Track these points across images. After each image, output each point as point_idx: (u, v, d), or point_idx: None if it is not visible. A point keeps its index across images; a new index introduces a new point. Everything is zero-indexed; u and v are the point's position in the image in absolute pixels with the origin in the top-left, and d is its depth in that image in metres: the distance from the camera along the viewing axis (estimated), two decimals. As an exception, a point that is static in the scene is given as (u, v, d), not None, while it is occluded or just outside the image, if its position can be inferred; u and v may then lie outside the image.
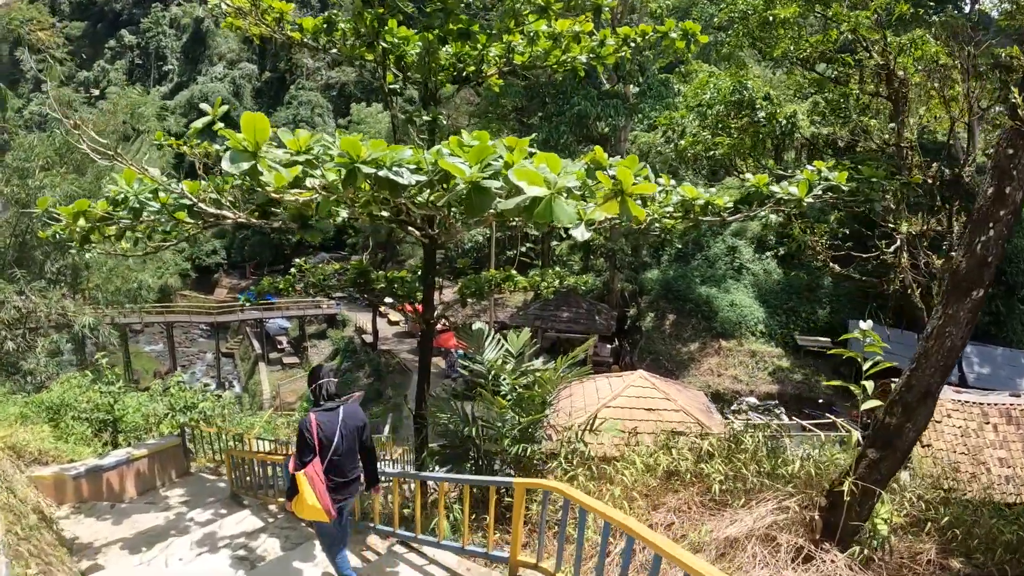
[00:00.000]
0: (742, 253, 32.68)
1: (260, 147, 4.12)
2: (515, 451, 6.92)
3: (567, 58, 9.99)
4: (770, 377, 29.17)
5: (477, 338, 8.44)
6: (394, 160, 4.61)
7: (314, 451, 5.22)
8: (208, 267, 61.35)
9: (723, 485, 7.08)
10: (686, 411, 15.20)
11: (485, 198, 4.05)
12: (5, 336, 15.76)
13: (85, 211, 6.25)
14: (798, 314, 30.76)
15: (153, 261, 24.52)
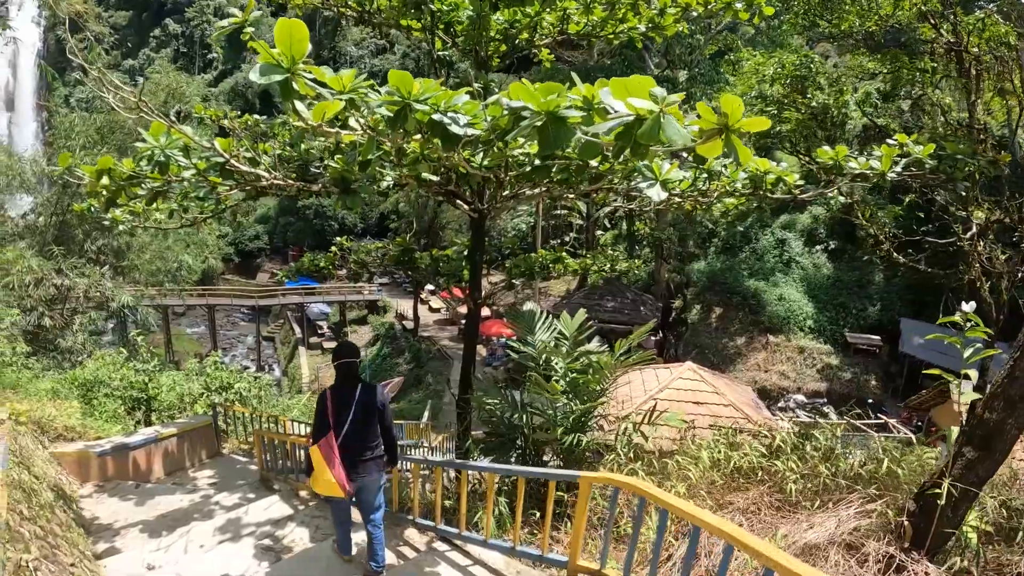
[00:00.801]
0: (791, 246, 31.53)
1: (297, 62, 3.41)
2: (568, 442, 6.17)
3: (624, 28, 9.22)
4: (818, 375, 28.09)
5: (528, 319, 7.73)
6: (449, 104, 3.95)
7: (328, 426, 5.19)
8: (251, 252, 61.73)
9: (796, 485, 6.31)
10: (735, 406, 14.46)
11: (563, 129, 3.30)
12: (42, 312, 15.49)
13: (110, 169, 5.67)
14: (848, 310, 29.59)
15: (195, 242, 24.23)
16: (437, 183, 7.21)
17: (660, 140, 2.69)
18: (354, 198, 6.02)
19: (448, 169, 6.66)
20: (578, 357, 7.03)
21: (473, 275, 9.15)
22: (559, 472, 5.20)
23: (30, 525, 5.44)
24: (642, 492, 3.99)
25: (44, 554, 5.21)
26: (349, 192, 6.04)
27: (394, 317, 43.40)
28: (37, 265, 15.84)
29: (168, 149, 5.47)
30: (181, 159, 5.57)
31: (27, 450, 7.73)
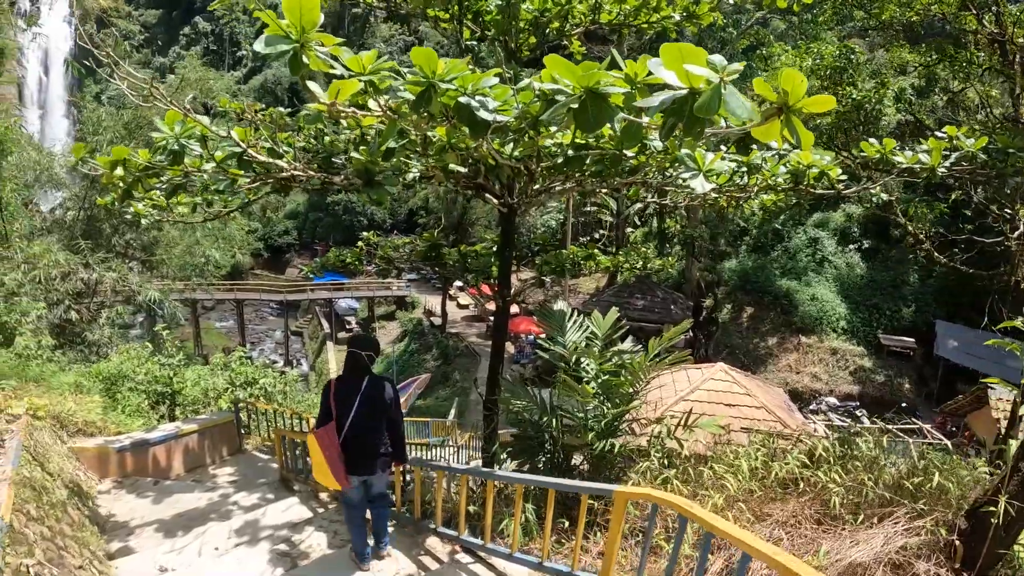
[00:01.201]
0: (824, 245, 30.81)
1: (307, 32, 3.11)
2: (600, 447, 5.82)
3: (658, 18, 8.83)
4: (851, 377, 27.45)
5: (558, 319, 7.39)
6: (477, 87, 3.67)
7: (330, 416, 5.12)
8: (280, 247, 62.07)
9: (840, 497, 5.93)
10: (768, 408, 14.03)
11: (603, 108, 2.97)
12: (68, 306, 15.46)
13: (125, 160, 5.43)
14: (881, 311, 28.86)
15: (223, 237, 24.19)
16: (465, 175, 6.90)
17: (721, 113, 2.34)
18: (378, 190, 5.72)
19: (476, 160, 6.35)
20: (610, 358, 6.68)
21: (502, 272, 8.83)
22: (593, 486, 4.83)
23: (36, 526, 5.23)
24: (686, 512, 3.63)
25: (49, 557, 4.99)
26: (373, 184, 5.74)
27: (422, 313, 43.32)
28: (64, 259, 15.82)
29: (183, 138, 5.21)
30: (196, 149, 5.32)
31: (44, 446, 7.57)
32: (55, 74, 67.34)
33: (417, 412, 28.22)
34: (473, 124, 3.86)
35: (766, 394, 15.63)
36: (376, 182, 5.69)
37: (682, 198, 10.93)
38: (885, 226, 29.56)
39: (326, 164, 6.71)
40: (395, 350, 39.59)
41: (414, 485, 6.37)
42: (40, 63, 65.59)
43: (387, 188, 5.80)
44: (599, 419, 6.12)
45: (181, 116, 5.13)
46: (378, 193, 5.69)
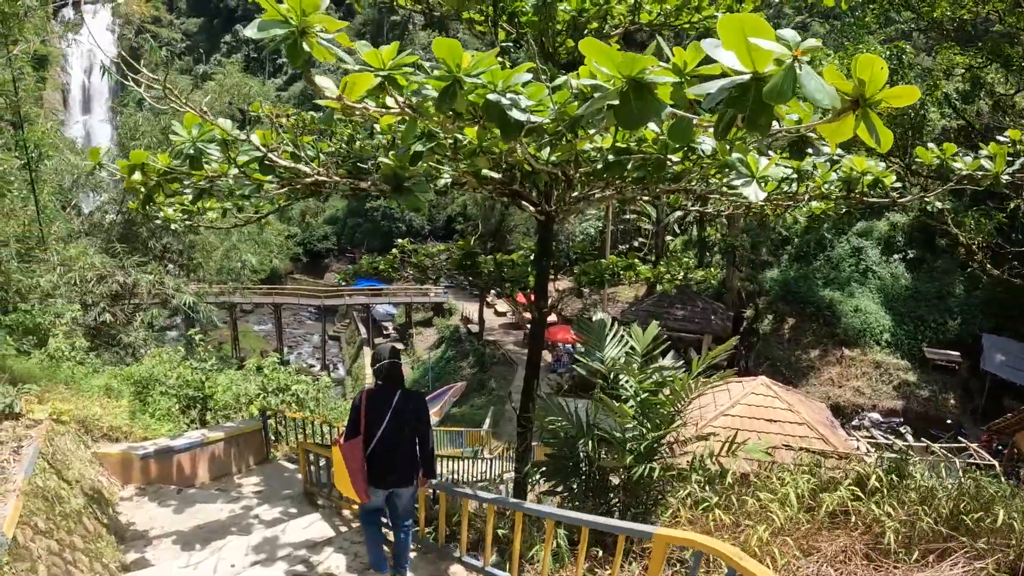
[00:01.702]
0: (868, 255, 29.83)
1: (308, 15, 2.81)
2: (639, 472, 5.42)
3: (700, 18, 8.44)
4: (894, 391, 26.42)
5: (597, 331, 7.01)
6: (508, 84, 3.40)
7: (359, 428, 5.02)
8: (319, 252, 62.57)
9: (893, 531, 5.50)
10: (810, 424, 13.47)
11: (648, 101, 2.61)
12: (103, 308, 15.51)
13: (142, 164, 5.23)
14: (927, 324, 27.78)
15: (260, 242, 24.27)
16: (499, 181, 6.58)
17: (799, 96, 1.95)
18: (408, 197, 5.41)
19: (511, 166, 6.02)
20: (650, 376, 6.27)
21: (539, 281, 8.49)
22: (631, 527, 4.42)
23: (44, 540, 5.03)
24: (736, 565, 3.23)
25: (54, 573, 4.78)
26: (402, 190, 5.44)
27: (459, 320, 43.16)
28: (100, 262, 15.88)
29: (201, 142, 4.98)
30: (215, 153, 5.08)
31: (64, 452, 7.42)
32: (98, 81, 69.15)
33: (451, 420, 27.97)
34: (504, 125, 3.54)
35: (808, 409, 15.04)
36: (405, 188, 5.40)
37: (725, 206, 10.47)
38: (931, 235, 28.57)
39: (355, 170, 6.48)
40: (431, 356, 39.44)
41: (439, 508, 6.03)
42: (84, 70, 67.33)
43: (417, 195, 5.51)
44: (638, 441, 5.72)
45: (199, 119, 4.92)
46: (408, 199, 5.39)
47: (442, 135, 4.84)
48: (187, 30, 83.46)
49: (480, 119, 3.91)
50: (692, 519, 5.66)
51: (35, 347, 11.81)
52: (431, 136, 4.87)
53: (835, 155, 6.06)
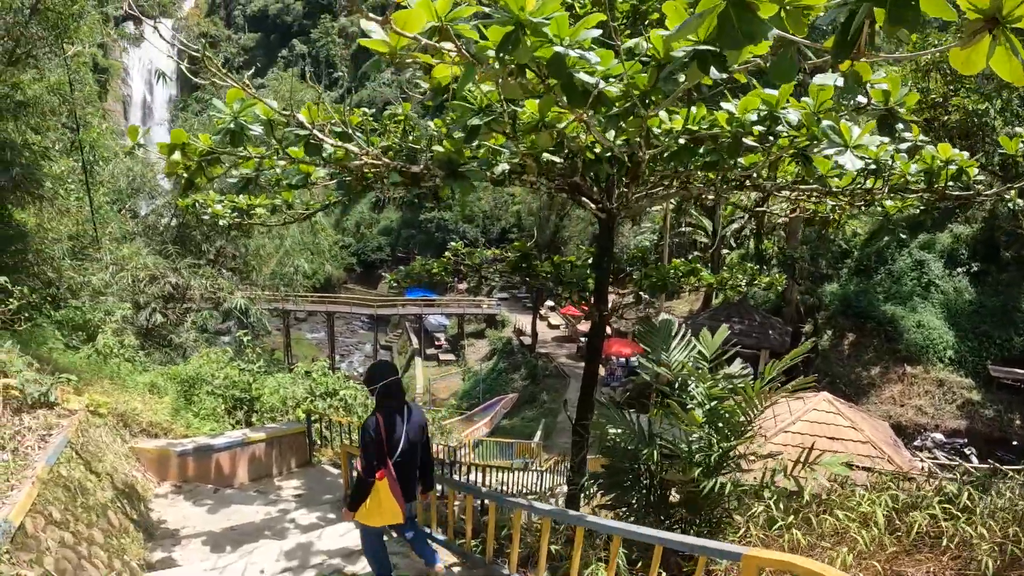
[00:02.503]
0: (930, 268, 28.32)
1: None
2: (708, 486, 4.79)
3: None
4: (958, 411, 25.00)
5: (663, 333, 6.43)
6: (576, 39, 3.09)
7: (384, 453, 4.79)
8: (373, 262, 62.98)
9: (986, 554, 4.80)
10: (874, 443, 12.58)
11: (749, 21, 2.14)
12: (154, 308, 15.51)
13: (183, 144, 4.91)
14: (992, 340, 26.19)
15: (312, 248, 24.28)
16: (560, 170, 6.10)
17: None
18: (462, 183, 4.99)
19: (573, 153, 5.52)
20: (719, 382, 5.66)
21: (599, 284, 7.95)
22: (717, 547, 3.80)
23: (56, 531, 4.67)
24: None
25: (63, 567, 4.41)
26: (456, 176, 5.02)
27: (512, 332, 42.67)
28: (152, 263, 15.94)
29: (242, 118, 4.63)
30: (256, 130, 4.73)
31: (98, 444, 7.16)
32: (158, 92, 71.61)
33: (501, 432, 27.44)
34: (571, 90, 3.28)
35: (871, 427, 14.10)
36: (459, 173, 4.96)
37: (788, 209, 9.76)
38: (995, 248, 27.10)
39: (408, 153, 6.12)
40: (483, 368, 39.02)
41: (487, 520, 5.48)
42: (145, 82, 69.70)
43: (472, 181, 5.06)
44: (705, 452, 5.11)
45: (242, 94, 4.57)
46: (462, 185, 4.94)
47: (500, 108, 4.38)
48: (244, 45, 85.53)
49: (544, 78, 3.48)
50: (765, 539, 5.04)
51: (84, 343, 11.73)
52: (488, 110, 4.43)
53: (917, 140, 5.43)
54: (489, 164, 5.41)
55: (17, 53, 10.75)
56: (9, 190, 10.21)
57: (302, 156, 5.20)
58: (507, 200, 44.89)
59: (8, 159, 10.01)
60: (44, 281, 12.16)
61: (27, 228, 12.14)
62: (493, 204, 48.38)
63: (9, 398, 6.29)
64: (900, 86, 4.01)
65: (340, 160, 5.57)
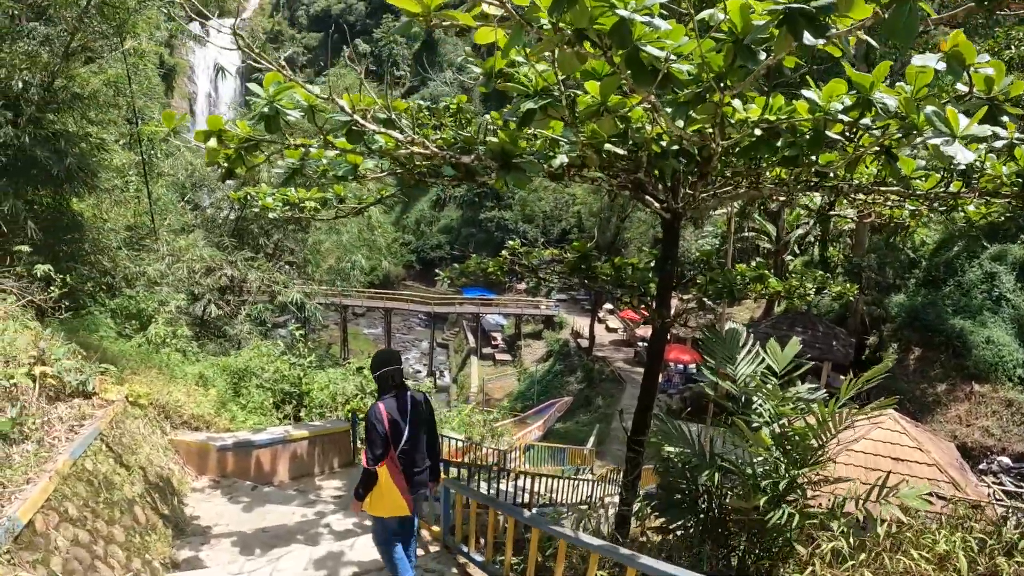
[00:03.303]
0: (1002, 281, 26.58)
1: None
2: (776, 517, 4.24)
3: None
4: (1028, 434, 23.35)
5: (730, 343, 5.90)
6: (642, 3, 2.83)
7: (388, 443, 4.75)
8: (432, 260, 63.15)
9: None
10: (939, 466, 11.68)
11: None
12: (209, 300, 15.57)
13: (220, 132, 4.64)
14: (1066, 359, 24.47)
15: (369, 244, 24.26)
16: (623, 166, 5.66)
17: None
18: (517, 175, 4.60)
19: (637, 146, 5.07)
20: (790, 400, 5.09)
21: (661, 289, 7.45)
22: None
23: (71, 528, 4.44)
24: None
25: (71, 568, 4.16)
26: (510, 168, 4.63)
27: (569, 334, 42.10)
28: (209, 255, 16.01)
29: (277, 102, 4.34)
30: (293, 115, 4.43)
31: (133, 435, 6.99)
32: (223, 90, 73.48)
33: (555, 436, 26.96)
34: (636, 65, 3.00)
35: (937, 448, 13.15)
36: (514, 165, 4.57)
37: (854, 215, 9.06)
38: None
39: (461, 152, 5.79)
40: (538, 369, 38.59)
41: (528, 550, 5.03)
42: (210, 80, 71.56)
43: (527, 173, 4.66)
44: (772, 478, 4.55)
45: (280, 77, 4.29)
46: (516, 178, 4.56)
47: (557, 90, 3.98)
48: (308, 44, 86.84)
49: (607, 50, 3.10)
50: (834, 580, 4.46)
51: (136, 332, 11.76)
52: (545, 92, 4.03)
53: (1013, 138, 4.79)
54: (546, 157, 5.03)
55: (74, 46, 10.77)
56: (64, 179, 10.21)
57: (345, 145, 4.93)
58: (568, 201, 44.34)
59: (63, 149, 10.03)
60: (100, 270, 12.24)
61: (83, 218, 12.23)
62: (554, 205, 47.87)
63: (46, 386, 6.16)
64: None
65: (387, 151, 5.28)
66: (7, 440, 4.91)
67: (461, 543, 6.05)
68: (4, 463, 4.62)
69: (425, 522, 6.78)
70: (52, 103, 10.39)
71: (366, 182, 7.72)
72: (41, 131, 9.90)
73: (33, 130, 9.73)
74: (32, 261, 8.03)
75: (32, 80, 9.86)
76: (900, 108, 3.75)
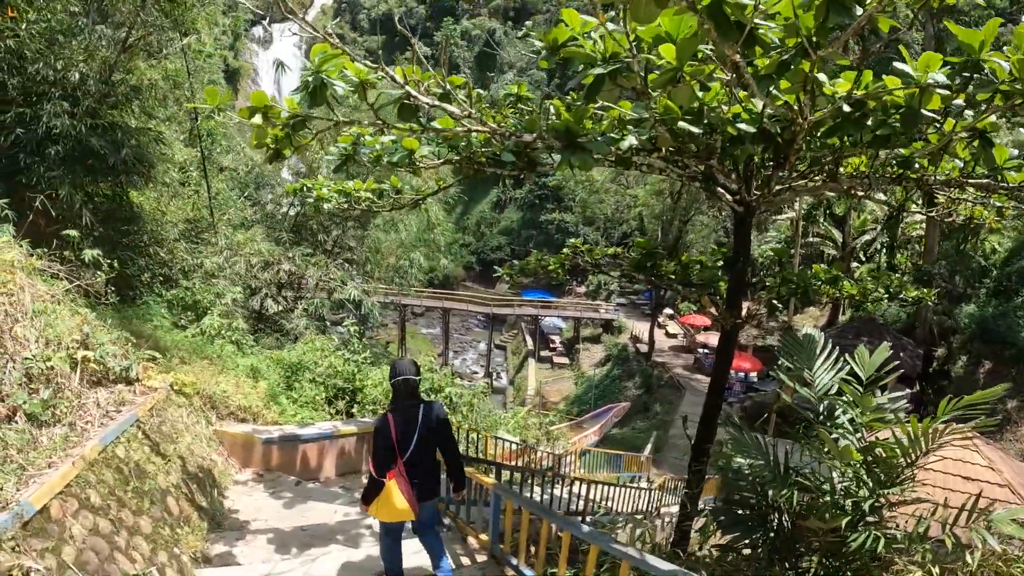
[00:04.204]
0: None
1: None
2: (860, 540, 3.71)
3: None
4: (1098, 456, 21.62)
5: (807, 348, 5.39)
6: None
7: (395, 453, 4.75)
8: (491, 262, 63.07)
9: None
10: (1012, 487, 10.63)
11: None
12: (266, 295, 15.58)
13: (265, 108, 4.38)
14: None
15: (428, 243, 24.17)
16: (696, 151, 5.21)
17: None
18: (581, 156, 4.21)
19: (712, 127, 4.63)
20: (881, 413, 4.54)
21: (733, 288, 6.92)
22: None
23: (92, 517, 4.21)
24: None
25: (84, 559, 3.91)
26: (575, 148, 4.24)
27: (628, 339, 41.36)
28: (267, 249, 16.02)
29: (324, 72, 4.07)
30: (341, 87, 4.08)
31: (175, 424, 6.82)
32: (285, 90, 75.53)
33: (611, 442, 26.33)
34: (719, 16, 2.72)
35: (1010, 469, 12.09)
36: (579, 145, 4.17)
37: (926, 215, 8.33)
38: None
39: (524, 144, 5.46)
40: (597, 374, 37.95)
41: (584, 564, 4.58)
42: (273, 81, 73.44)
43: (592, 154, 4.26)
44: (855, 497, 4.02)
45: (327, 47, 4.02)
46: (581, 159, 4.16)
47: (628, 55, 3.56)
48: (369, 47, 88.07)
49: None
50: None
51: (191, 323, 11.75)
52: (614, 57, 3.62)
53: None
54: (613, 140, 4.63)
55: (131, 41, 10.81)
56: (121, 170, 10.24)
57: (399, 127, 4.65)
58: (630, 204, 43.48)
59: (119, 140, 10.06)
60: (157, 261, 12.29)
61: (142, 210, 12.32)
62: (615, 207, 47.04)
63: (88, 371, 6.02)
64: None
65: (444, 133, 4.97)
66: (36, 422, 4.74)
67: (510, 554, 5.64)
68: (30, 446, 4.44)
69: (473, 529, 6.37)
70: (110, 96, 10.43)
71: (423, 173, 7.42)
72: (99, 122, 9.94)
73: (91, 121, 9.76)
74: (85, 250, 7.97)
75: (89, 72, 9.88)
76: (1015, 70, 3.20)
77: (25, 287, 5.94)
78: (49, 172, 9.49)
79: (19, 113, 9.44)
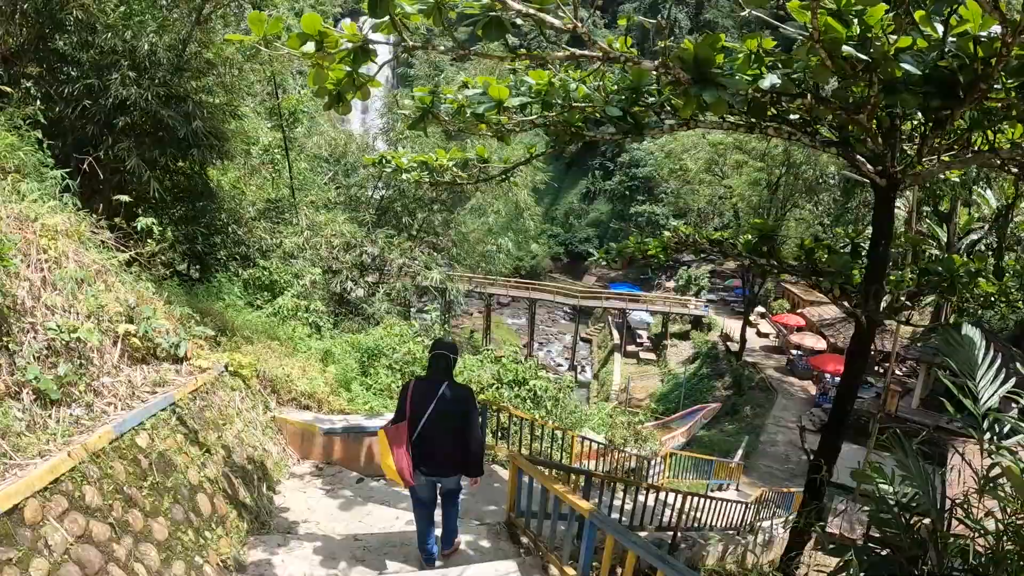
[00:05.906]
0: None
1: None
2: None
3: None
4: None
5: (967, 352, 4.25)
6: None
7: (404, 414, 4.88)
8: (580, 253, 61.91)
9: None
10: None
11: None
12: (347, 276, 15.08)
13: (320, 36, 3.56)
14: None
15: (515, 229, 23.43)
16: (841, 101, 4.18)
17: None
18: (713, 93, 3.32)
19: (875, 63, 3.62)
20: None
21: (871, 276, 5.73)
22: None
23: (79, 520, 3.48)
24: None
25: (62, 573, 3.18)
26: (706, 82, 3.33)
27: (718, 336, 39.47)
28: (348, 231, 15.54)
29: None
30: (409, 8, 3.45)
31: (224, 409, 6.16)
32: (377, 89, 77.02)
33: (699, 445, 24.83)
34: None
35: None
36: (710, 79, 3.21)
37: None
38: None
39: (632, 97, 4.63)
40: (684, 371, 36.32)
41: None
42: None
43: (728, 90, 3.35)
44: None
45: None
46: (713, 96, 3.32)
47: None
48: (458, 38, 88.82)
49: None
50: None
51: (267, 303, 11.29)
52: None
53: None
54: (751, 78, 3.70)
55: (205, 13, 10.33)
56: (191, 143, 9.78)
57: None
58: (724, 196, 41.31)
59: (190, 112, 9.60)
60: (234, 240, 11.89)
61: (220, 187, 11.95)
62: (708, 199, 44.93)
63: (130, 347, 5.40)
64: None
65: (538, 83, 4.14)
66: (46, 402, 4.09)
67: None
68: (30, 429, 3.78)
69: (558, 559, 5.24)
70: (184, 69, 9.99)
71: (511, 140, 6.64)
72: (170, 91, 9.51)
73: (161, 91, 9.33)
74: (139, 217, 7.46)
75: (158, 43, 9.45)
76: None
77: (69, 254, 5.36)
78: (117, 143, 9.12)
79: (87, 84, 9.09)
